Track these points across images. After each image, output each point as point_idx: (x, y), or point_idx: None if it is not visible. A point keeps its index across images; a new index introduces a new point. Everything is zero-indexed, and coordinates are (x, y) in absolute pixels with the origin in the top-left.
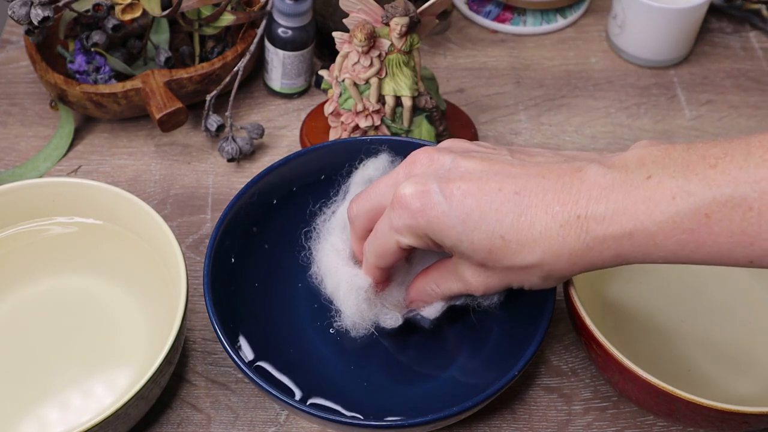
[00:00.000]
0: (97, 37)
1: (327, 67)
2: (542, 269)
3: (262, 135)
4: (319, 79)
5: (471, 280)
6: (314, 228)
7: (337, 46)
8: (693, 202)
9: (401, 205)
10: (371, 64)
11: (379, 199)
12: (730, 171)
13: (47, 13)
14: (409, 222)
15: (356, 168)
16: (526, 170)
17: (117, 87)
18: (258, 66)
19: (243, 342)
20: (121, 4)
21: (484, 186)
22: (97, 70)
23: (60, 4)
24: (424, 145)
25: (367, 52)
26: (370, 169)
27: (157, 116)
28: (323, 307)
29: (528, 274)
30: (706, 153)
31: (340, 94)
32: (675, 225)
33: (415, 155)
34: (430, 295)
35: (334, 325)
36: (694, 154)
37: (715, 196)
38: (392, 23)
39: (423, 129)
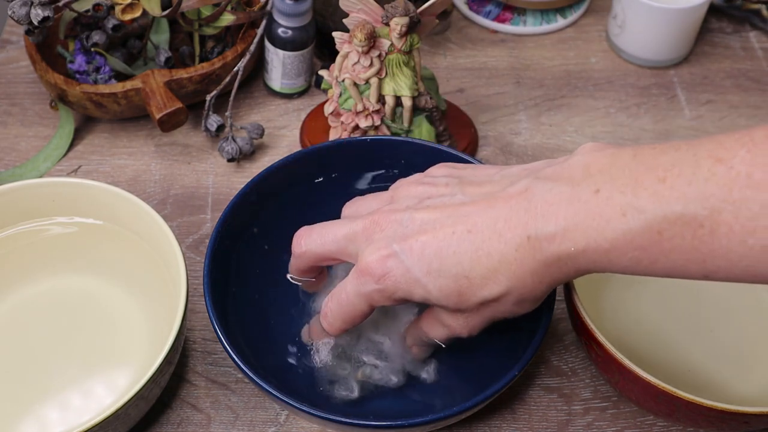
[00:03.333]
0: (97, 37)
1: (327, 67)
2: (512, 295)
3: (262, 135)
4: (319, 79)
5: (453, 325)
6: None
7: (337, 46)
8: (644, 220)
9: (368, 273)
10: (371, 64)
11: (333, 247)
12: (679, 186)
13: (47, 13)
14: (378, 287)
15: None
16: (475, 206)
17: (117, 87)
18: (258, 66)
19: (243, 342)
20: (121, 4)
21: (438, 233)
22: (97, 70)
23: (60, 4)
24: (423, 145)
25: (367, 52)
26: None
27: (157, 116)
28: None
29: (501, 304)
30: (654, 163)
31: (340, 94)
32: (627, 242)
33: (375, 217)
34: (425, 343)
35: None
36: (641, 164)
37: (666, 213)
38: (392, 23)
39: (423, 129)
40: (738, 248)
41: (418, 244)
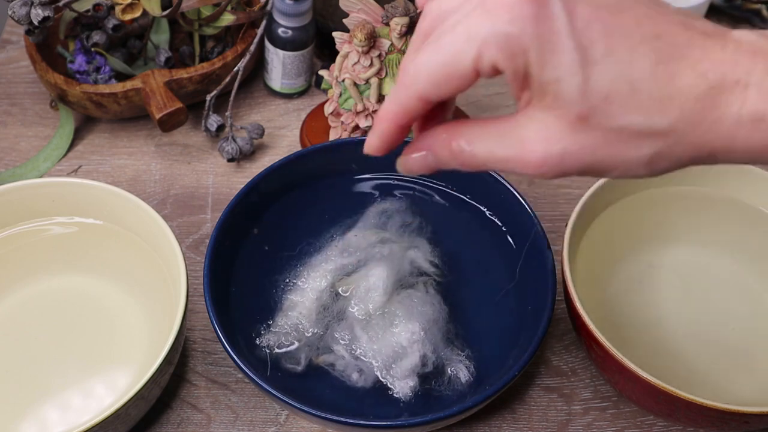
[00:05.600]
0: (97, 37)
1: (327, 67)
2: (666, 140)
3: (262, 135)
4: (319, 79)
5: (536, 146)
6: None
7: (337, 46)
8: None
9: (503, 6)
10: (371, 64)
11: (451, 48)
12: None
13: (47, 13)
14: (510, 29)
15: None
16: (665, 16)
17: (117, 87)
18: (258, 66)
19: (243, 342)
20: (121, 4)
21: (618, 15)
22: (97, 70)
23: (60, 4)
24: None
25: (367, 52)
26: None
27: (157, 116)
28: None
29: (641, 145)
30: None
31: (340, 94)
32: None
33: None
34: (449, 155)
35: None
36: None
37: None
38: (392, 23)
39: None
40: None
41: (587, 11)
